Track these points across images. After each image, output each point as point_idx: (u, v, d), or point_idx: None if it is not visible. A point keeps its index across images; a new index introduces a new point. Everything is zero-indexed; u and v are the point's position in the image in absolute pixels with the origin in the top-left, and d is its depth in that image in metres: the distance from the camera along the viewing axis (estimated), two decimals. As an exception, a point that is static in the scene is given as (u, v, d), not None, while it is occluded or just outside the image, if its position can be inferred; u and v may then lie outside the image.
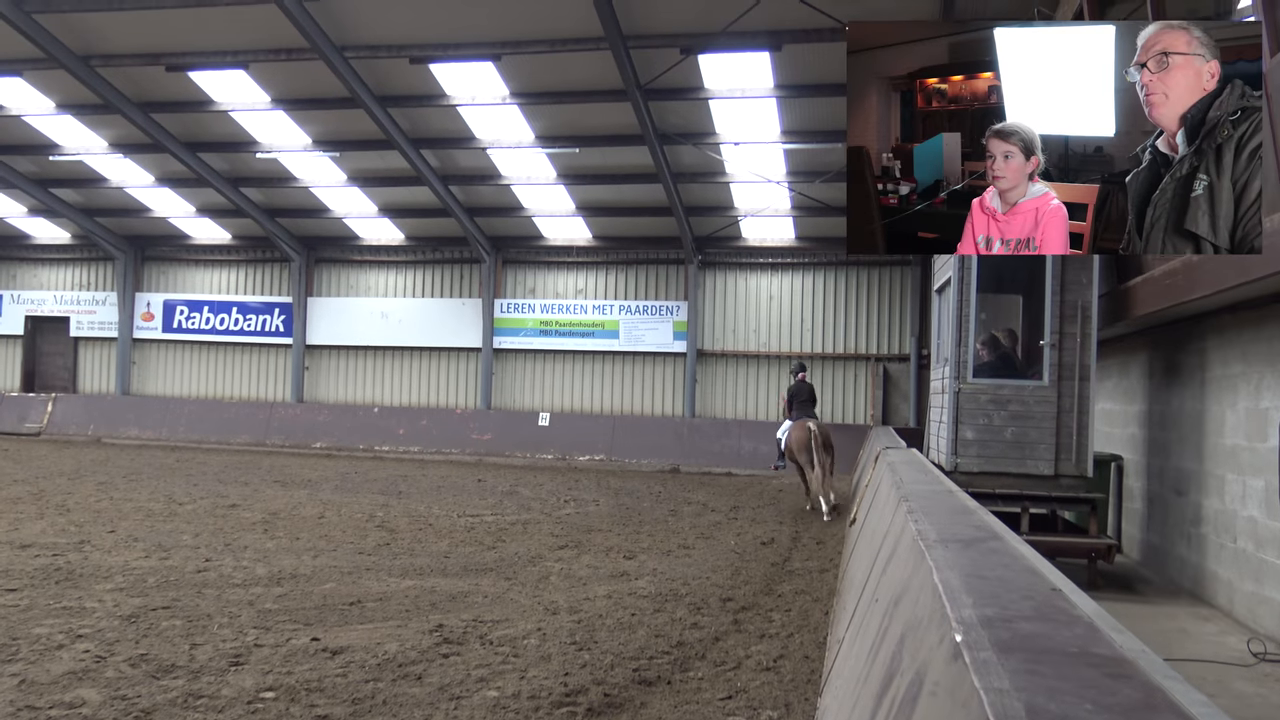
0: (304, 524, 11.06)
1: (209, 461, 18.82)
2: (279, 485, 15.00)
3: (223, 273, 25.02)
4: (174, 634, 6.19)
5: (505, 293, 23.11)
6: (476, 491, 15.12)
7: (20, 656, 5.58)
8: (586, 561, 9.29)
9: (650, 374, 22.33)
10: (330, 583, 7.91)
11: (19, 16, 15.66)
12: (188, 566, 8.33)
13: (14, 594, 7.08)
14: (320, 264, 24.23)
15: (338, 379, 24.04)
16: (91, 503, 12.20)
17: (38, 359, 26.14)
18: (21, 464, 16.90)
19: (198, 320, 24.83)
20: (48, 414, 24.35)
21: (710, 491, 16.20)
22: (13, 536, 9.48)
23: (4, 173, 21.45)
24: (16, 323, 25.96)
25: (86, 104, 18.58)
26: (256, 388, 24.61)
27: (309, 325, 24.02)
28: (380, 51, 16.26)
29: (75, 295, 25.73)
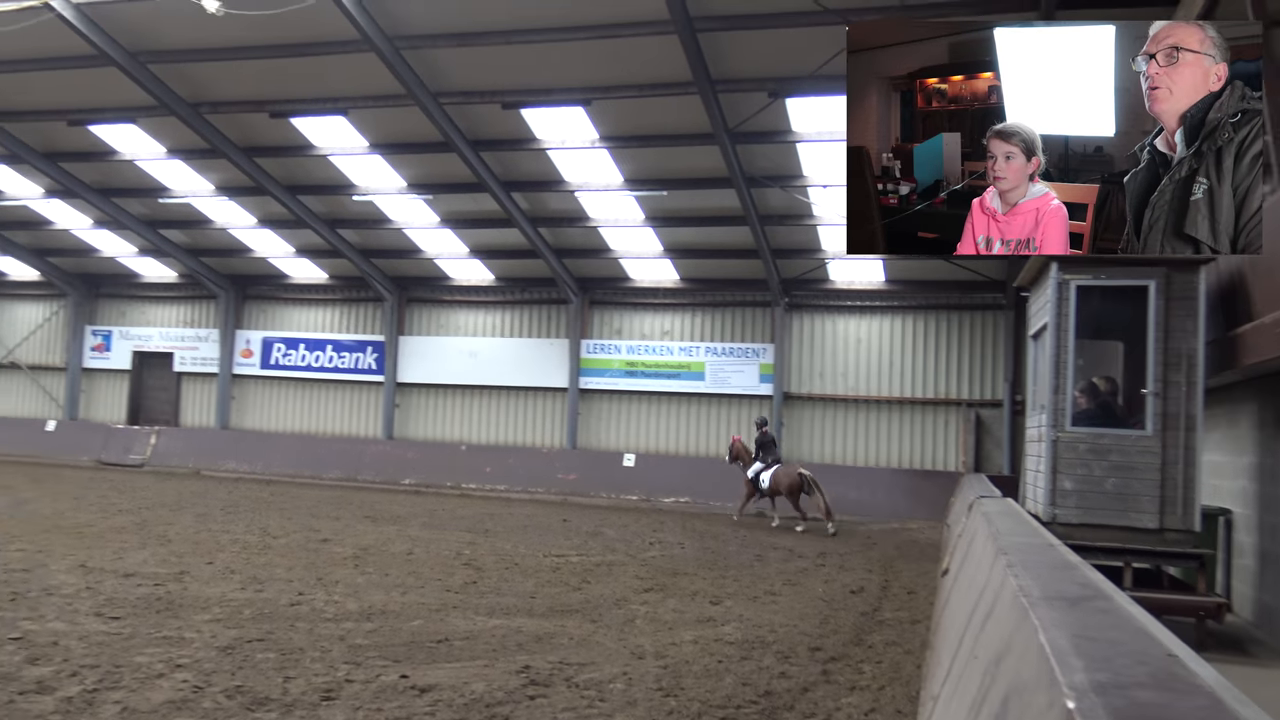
0: (393, 560, 11.21)
1: (302, 496, 19.24)
2: (369, 521, 15.25)
3: (319, 311, 25.72)
4: (268, 666, 6.30)
5: (592, 333, 23.28)
6: (562, 531, 15.17)
7: (123, 684, 5.74)
8: (672, 605, 9.22)
9: (736, 416, 22.21)
10: (418, 620, 7.98)
11: (135, 67, 16.46)
12: (281, 599, 8.50)
13: (118, 622, 7.30)
14: (412, 303, 24.75)
15: (427, 417, 24.44)
16: (191, 534, 12.55)
17: (143, 393, 27.12)
18: (126, 494, 17.50)
19: (294, 357, 25.53)
20: (151, 446, 25.20)
21: (796, 537, 15.98)
22: (117, 565, 9.79)
23: (117, 214, 22.44)
24: (124, 358, 27.01)
25: (195, 149, 19.38)
26: (349, 424, 25.14)
27: (400, 363, 24.51)
28: (474, 97, 16.66)
29: (179, 332, 26.69)
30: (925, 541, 15.56)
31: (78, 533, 12.06)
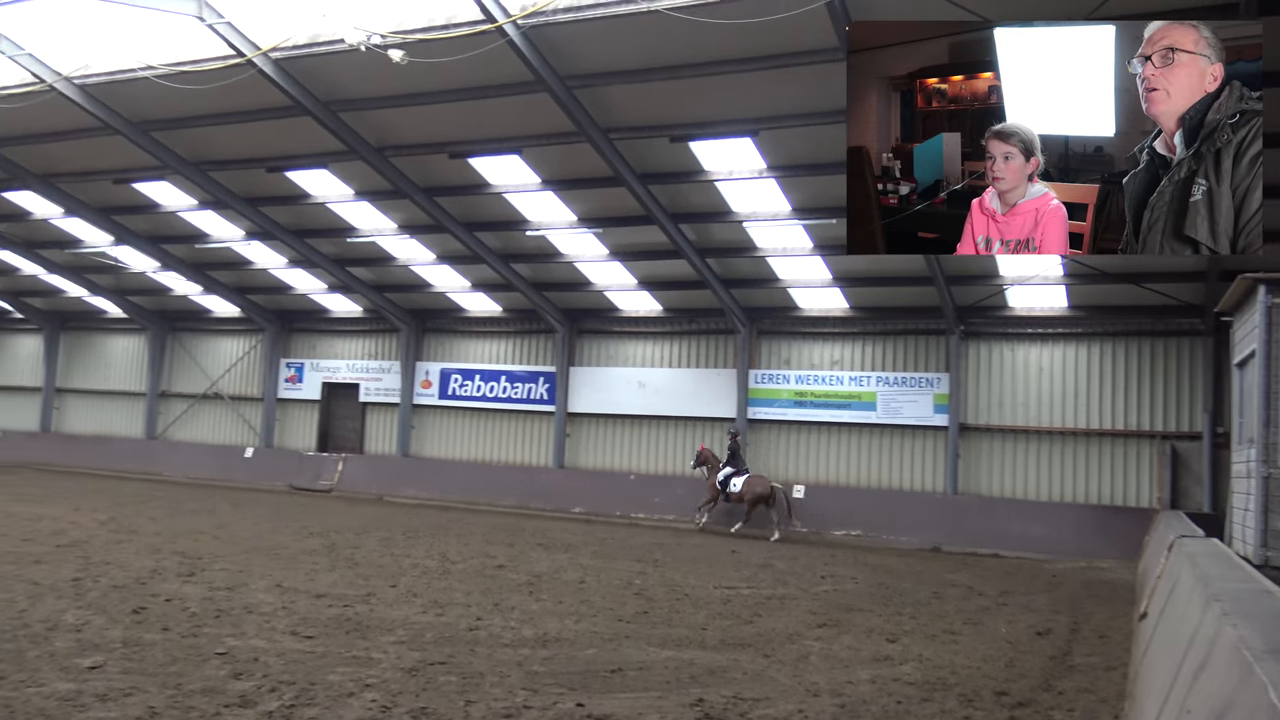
0: (566, 588, 11.37)
1: (477, 522, 19.80)
2: (541, 548, 15.53)
3: (493, 343, 26.55)
4: (450, 690, 6.47)
5: (760, 363, 23.15)
6: (731, 563, 15.05)
7: (316, 701, 6.00)
8: (847, 642, 8.99)
9: (909, 448, 21.59)
10: (592, 648, 8.05)
11: (327, 116, 17.49)
12: (461, 624, 8.73)
13: (311, 640, 7.65)
14: (582, 335, 25.23)
15: (597, 446, 24.79)
16: (376, 558, 13.08)
17: (331, 422, 28.59)
18: (316, 518, 18.42)
19: (470, 388, 26.40)
20: (338, 472, 26.50)
21: (976, 574, 15.35)
22: (310, 586, 10.29)
23: (309, 253, 23.82)
24: (315, 389, 28.58)
25: (380, 190, 20.40)
26: (521, 452, 25.76)
27: (570, 394, 24.98)
28: (642, 132, 16.92)
29: (364, 364, 28.04)
30: (1116, 582, 14.67)
31: (274, 554, 12.76)
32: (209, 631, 7.75)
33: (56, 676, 6.16)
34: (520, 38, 14.49)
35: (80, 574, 10.13)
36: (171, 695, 5.90)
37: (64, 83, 17.63)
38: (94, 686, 5.98)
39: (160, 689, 6.02)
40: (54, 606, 8.34)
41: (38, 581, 9.53)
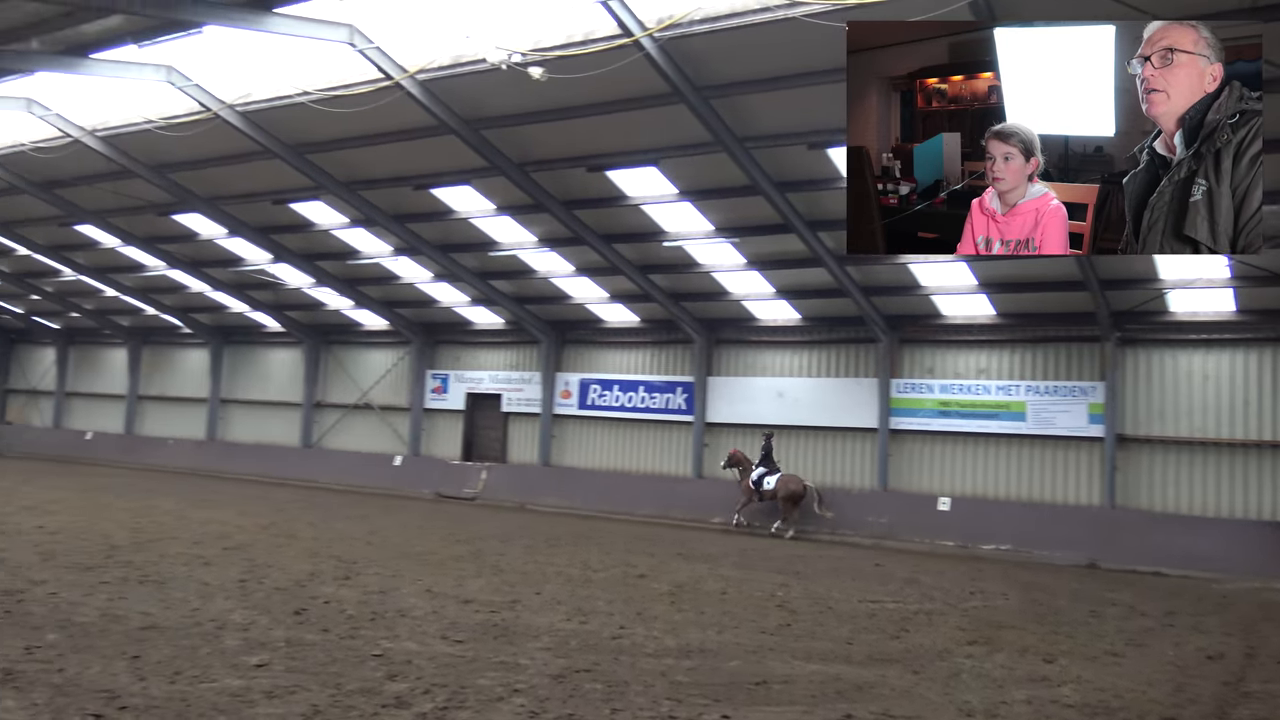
0: (707, 598, 11.33)
1: (617, 531, 19.96)
2: (681, 558, 15.54)
3: (631, 354, 26.76)
4: (596, 697, 6.52)
5: (902, 372, 22.63)
6: (875, 576, 14.74)
7: (468, 705, 6.13)
8: (1000, 660, 8.67)
9: (1062, 459, 20.71)
10: (736, 660, 7.99)
11: (470, 134, 17.98)
12: (604, 632, 8.80)
13: (461, 645, 7.84)
14: (720, 344, 25.18)
15: (735, 456, 24.68)
16: (520, 565, 13.32)
17: (475, 432, 29.33)
18: (462, 526, 18.90)
19: (609, 398, 26.67)
20: (482, 481, 27.15)
21: (1137, 592, 14.61)
22: (458, 591, 10.55)
23: (453, 268, 24.51)
24: (459, 399, 29.38)
25: (520, 205, 20.84)
26: (660, 462, 25.87)
27: (709, 403, 24.95)
28: (779, 140, 16.78)
29: (506, 375, 28.67)
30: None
31: (423, 560, 13.14)
32: (365, 634, 8.02)
33: (226, 673, 6.48)
34: (657, 50, 14.58)
35: (245, 576, 10.64)
36: (332, 694, 6.13)
37: (228, 111, 18.63)
38: (261, 684, 6.26)
39: (322, 688, 6.26)
40: (223, 606, 8.78)
41: (208, 582, 10.06)
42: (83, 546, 12.12)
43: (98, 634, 7.37)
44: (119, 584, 9.60)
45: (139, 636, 7.36)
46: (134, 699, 5.75)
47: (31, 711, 5.40)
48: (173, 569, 10.79)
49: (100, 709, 5.52)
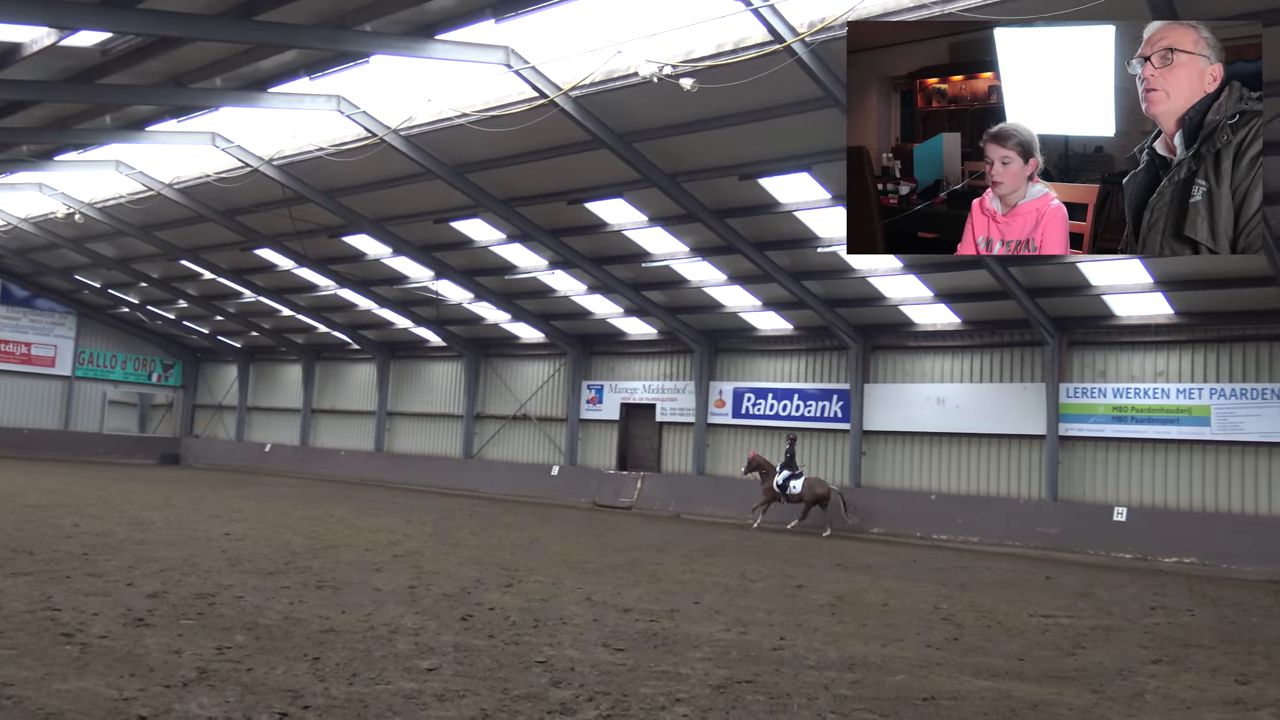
0: (869, 610, 11.09)
1: (774, 541, 19.78)
2: (840, 569, 15.27)
3: (785, 362, 26.52)
4: (758, 709, 6.45)
5: (1071, 376, 21.65)
6: (1045, 589, 14.12)
7: (631, 713, 6.16)
8: (1188, 681, 8.15)
9: (1254, 466, 19.34)
10: (901, 674, 7.78)
11: (623, 147, 18.21)
12: (764, 643, 8.71)
13: (622, 653, 7.89)
14: (876, 350, 24.68)
15: (894, 465, 24.12)
16: (677, 574, 13.35)
17: (629, 441, 29.63)
18: (618, 534, 19.10)
19: (763, 406, 26.50)
20: (638, 490, 27.39)
21: (1340, 610, 13.50)
22: (617, 600, 10.65)
23: (607, 279, 24.86)
24: (614, 409, 29.75)
25: (672, 215, 20.96)
26: (815, 471, 25.45)
27: (866, 411, 24.47)
28: (937, 139, 16.33)
29: (660, 385, 28.86)
30: None
31: (582, 568, 13.33)
32: (528, 640, 8.17)
33: (400, 676, 6.71)
34: (808, 55, 14.43)
35: (414, 582, 11.02)
36: (500, 699, 6.26)
37: (392, 135, 19.45)
38: (432, 687, 6.46)
39: (490, 692, 6.41)
40: (394, 612, 9.11)
41: (379, 588, 10.46)
42: (265, 553, 12.81)
43: (281, 636, 7.75)
44: (299, 589, 10.08)
45: (319, 639, 7.71)
46: (316, 699, 6.02)
47: (224, 708, 5.72)
48: (347, 575, 11.27)
49: (286, 707, 5.79)
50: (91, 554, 11.64)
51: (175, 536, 14.02)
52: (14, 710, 5.42)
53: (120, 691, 5.90)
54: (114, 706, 5.60)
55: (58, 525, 14.47)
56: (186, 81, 17.36)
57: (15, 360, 39.05)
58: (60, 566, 10.53)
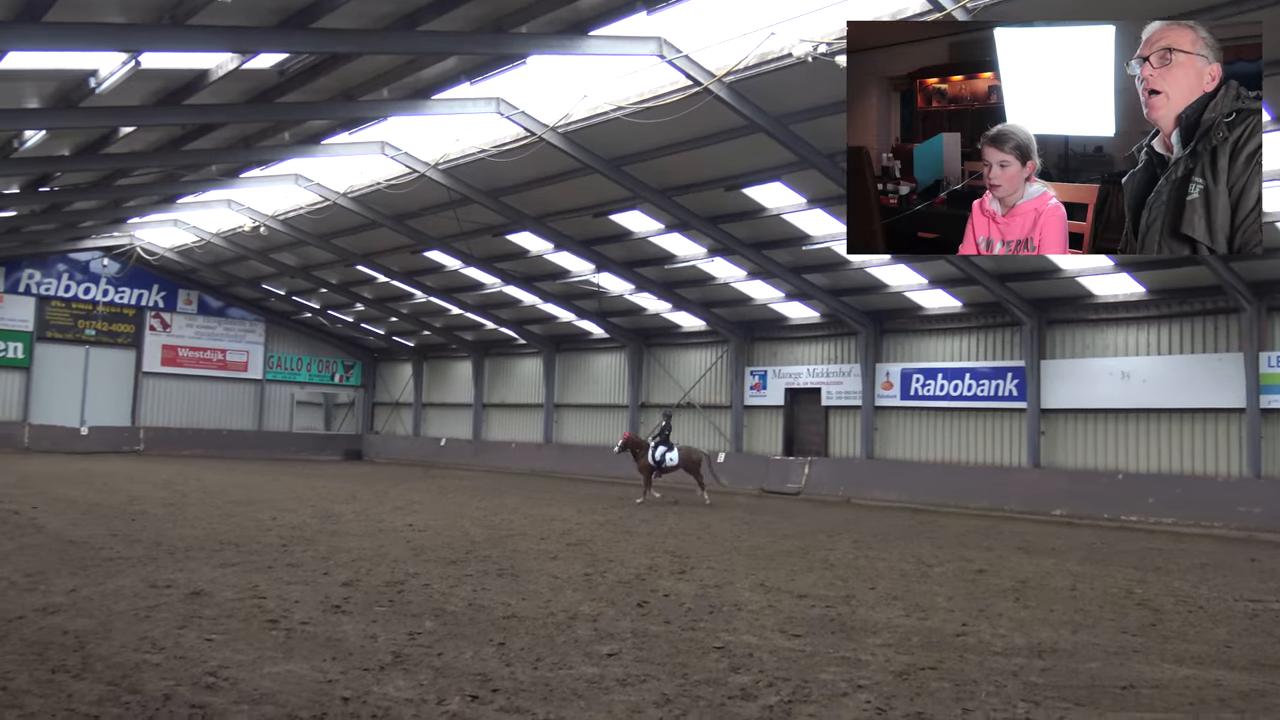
0: (1055, 595, 10.64)
1: (948, 525, 19.23)
2: (1022, 552, 14.71)
3: (954, 340, 25.70)
4: (944, 696, 6.28)
5: (1273, 344, 20.14)
6: (1251, 572, 13.22)
7: (812, 699, 6.11)
8: None
9: None
10: (1095, 661, 7.43)
11: (779, 130, 17.98)
12: (946, 629, 8.48)
13: (799, 639, 7.83)
14: (1052, 325, 23.61)
15: (1075, 443, 23.04)
16: (850, 559, 13.14)
17: (795, 426, 29.35)
18: (788, 520, 18.96)
19: (932, 387, 25.76)
20: (805, 475, 27.10)
21: None
22: (791, 586, 10.57)
23: (766, 265, 24.67)
24: (778, 395, 29.51)
25: (831, 196, 20.57)
26: (991, 452, 24.66)
27: (1043, 388, 23.46)
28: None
29: (824, 368, 28.45)
30: None
31: (753, 554, 13.29)
32: (705, 626, 8.21)
33: (581, 660, 6.85)
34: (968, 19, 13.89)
35: (589, 570, 11.24)
36: (680, 684, 6.32)
37: (550, 133, 19.82)
38: (614, 672, 6.57)
39: (669, 677, 6.47)
40: (572, 598, 9.31)
41: (556, 575, 10.71)
42: (446, 542, 13.31)
43: (467, 622, 8.04)
44: (480, 577, 10.44)
45: (502, 625, 7.96)
46: (504, 682, 6.22)
47: (419, 691, 5.97)
48: (525, 563, 11.59)
49: (476, 690, 6.01)
50: (289, 545, 12.37)
51: (363, 528, 14.74)
52: (230, 691, 5.81)
53: (323, 674, 6.25)
54: (319, 688, 5.93)
55: (257, 519, 15.44)
56: (356, 95, 18.15)
57: (213, 366, 41.86)
58: (262, 557, 11.24)
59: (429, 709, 5.62)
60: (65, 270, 38.06)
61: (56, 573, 9.66)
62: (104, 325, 39.14)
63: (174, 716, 5.29)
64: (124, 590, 8.84)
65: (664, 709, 5.79)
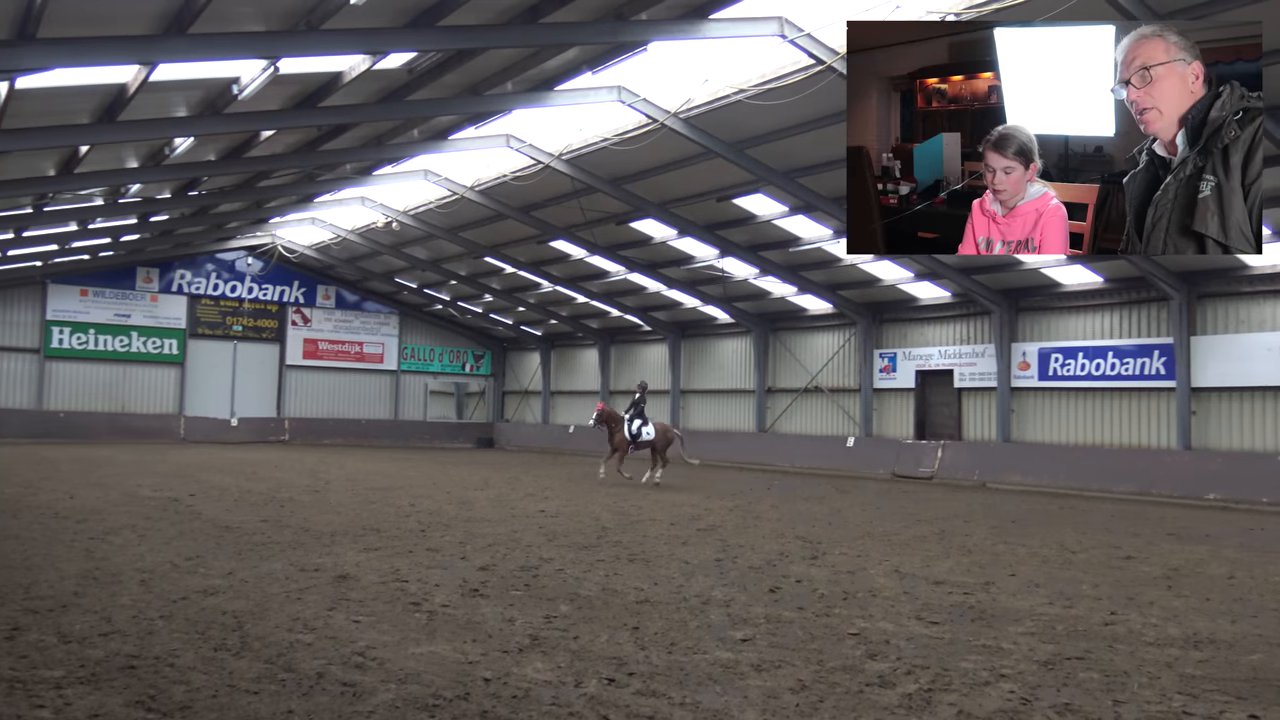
0: (1212, 583, 10.12)
1: (1091, 509, 18.51)
2: (1173, 538, 14.05)
3: (1095, 318, 24.68)
4: (1093, 687, 6.05)
5: None
6: None
7: (953, 687, 5.96)
8: None
9: None
10: (1257, 654, 7.04)
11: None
12: (1093, 618, 8.16)
13: (937, 626, 7.66)
14: (1203, 299, 22.42)
15: (1231, 424, 21.86)
16: (988, 545, 12.78)
17: (927, 409, 28.70)
18: (921, 505, 18.55)
19: (1072, 367, 24.80)
20: (938, 459, 26.48)
21: None
22: (926, 572, 10.35)
23: (895, 245, 24.13)
24: (909, 377, 28.90)
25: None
26: (1136, 434, 23.62)
27: (1193, 366, 22.31)
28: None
29: (956, 349, 27.71)
30: None
31: (886, 540, 13.06)
32: (839, 612, 8.11)
33: (715, 646, 6.85)
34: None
35: (720, 555, 11.23)
36: (815, 670, 6.25)
37: (672, 119, 19.82)
38: (748, 657, 6.55)
39: (805, 664, 6.41)
40: (704, 583, 9.32)
41: (687, 560, 10.74)
42: (578, 528, 13.50)
43: (601, 606, 8.14)
44: (612, 561, 10.54)
45: (635, 610, 8.02)
46: (639, 666, 6.26)
47: (557, 673, 6.07)
48: (656, 548, 11.66)
49: (612, 674, 6.07)
50: (428, 531, 12.74)
51: (497, 514, 15.07)
52: (378, 670, 6.02)
53: (465, 655, 6.41)
54: (461, 669, 6.09)
55: (397, 505, 15.95)
56: (481, 90, 18.49)
57: (351, 358, 43.45)
58: (403, 542, 11.61)
59: (567, 691, 5.71)
60: (213, 269, 40.06)
61: (214, 556, 10.18)
62: (249, 321, 41.08)
63: (327, 694, 5.51)
64: (276, 573, 9.26)
65: (800, 695, 5.74)
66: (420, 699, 5.48)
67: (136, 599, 7.90)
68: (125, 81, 15.09)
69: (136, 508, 14.52)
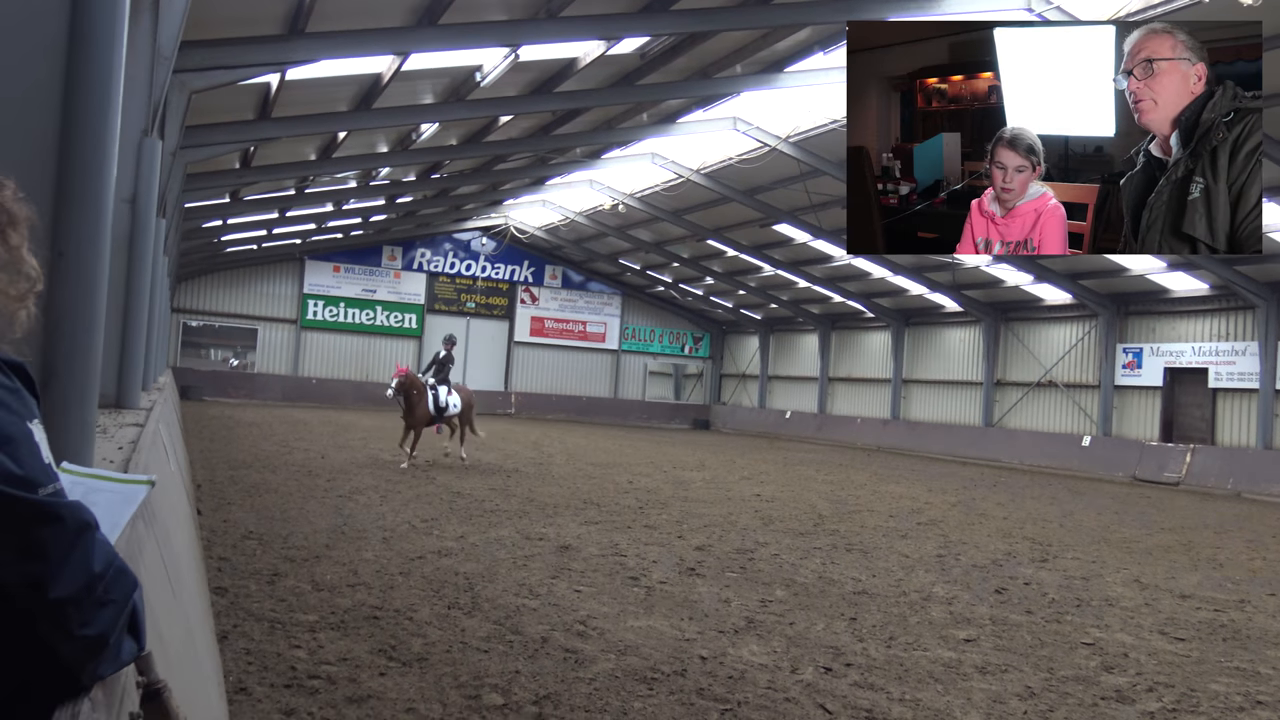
0: None
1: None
2: None
3: (1379, 316, 22.15)
4: (1370, 725, 5.46)
5: None
6: None
7: (1200, 709, 5.54)
8: None
9: None
10: None
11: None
12: (1370, 648, 7.35)
13: (1183, 644, 7.12)
14: None
15: None
16: (1243, 560, 11.76)
17: (1175, 410, 26.64)
18: (1165, 512, 17.28)
19: (1349, 370, 22.37)
20: (1186, 464, 24.54)
21: None
22: (1170, 584, 9.63)
23: (1145, 232, 22.49)
24: (1156, 375, 26.90)
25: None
26: None
27: None
28: None
29: (1212, 346, 25.56)
30: None
31: (1124, 547, 12.24)
32: (1071, 620, 7.68)
33: (936, 644, 6.64)
34: None
35: (942, 551, 10.87)
36: (1045, 678, 5.95)
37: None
38: (971, 658, 6.30)
39: (1033, 670, 6.11)
40: (924, 579, 9.04)
41: (906, 554, 10.46)
42: (793, 514, 13.39)
43: (817, 594, 8.04)
44: (828, 550, 10.40)
45: (852, 600, 7.89)
46: (856, 657, 6.15)
47: (773, 657, 6.05)
48: (873, 539, 11.41)
49: (829, 663, 6.00)
50: (645, 508, 12.99)
51: (713, 495, 15.17)
52: (598, 639, 6.19)
53: (681, 632, 6.50)
54: (678, 645, 6.18)
55: (615, 482, 16.34)
56: (711, 73, 18.53)
57: (574, 337, 44.80)
58: (621, 518, 11.88)
59: (783, 676, 5.68)
60: (450, 249, 42.22)
61: (447, 520, 10.76)
62: (482, 299, 43.07)
63: (551, 658, 5.72)
64: (503, 540, 9.69)
65: (1028, 702, 5.47)
66: (639, 671, 5.59)
67: (379, 554, 8.47)
68: (380, 71, 16.07)
69: (379, 470, 15.55)
